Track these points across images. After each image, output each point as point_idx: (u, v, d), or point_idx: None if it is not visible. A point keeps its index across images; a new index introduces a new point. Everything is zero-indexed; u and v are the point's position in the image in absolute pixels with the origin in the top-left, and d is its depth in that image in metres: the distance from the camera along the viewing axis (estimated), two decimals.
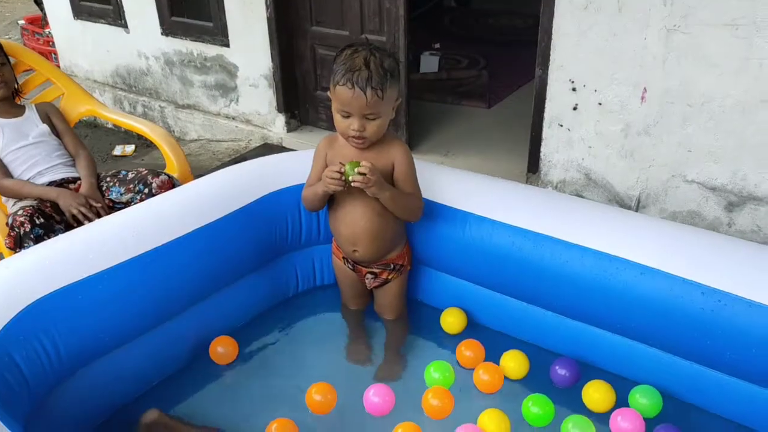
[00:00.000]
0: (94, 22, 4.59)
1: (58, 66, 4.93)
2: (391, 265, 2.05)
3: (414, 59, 4.69)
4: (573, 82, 2.81)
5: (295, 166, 2.21)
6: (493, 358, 1.97)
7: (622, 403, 1.81)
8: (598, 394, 1.81)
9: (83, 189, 2.49)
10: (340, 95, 1.75)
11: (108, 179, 2.59)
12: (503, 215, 1.97)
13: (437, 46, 5.17)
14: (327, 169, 1.84)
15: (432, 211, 2.05)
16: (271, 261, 2.20)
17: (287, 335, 2.16)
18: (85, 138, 4.43)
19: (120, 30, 4.47)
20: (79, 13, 4.65)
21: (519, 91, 4.50)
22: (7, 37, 6.47)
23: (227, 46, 3.96)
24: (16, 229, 2.22)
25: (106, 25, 4.53)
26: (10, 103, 2.68)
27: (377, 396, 1.80)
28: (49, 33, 5.18)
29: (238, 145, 4.14)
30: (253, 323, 2.18)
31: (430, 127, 3.98)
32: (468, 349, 1.98)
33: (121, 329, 1.78)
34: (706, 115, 2.53)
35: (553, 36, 2.78)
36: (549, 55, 2.82)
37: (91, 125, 4.65)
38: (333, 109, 1.81)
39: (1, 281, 1.66)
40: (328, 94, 1.82)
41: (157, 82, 4.49)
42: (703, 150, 2.59)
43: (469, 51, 5.18)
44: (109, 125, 4.48)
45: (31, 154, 2.56)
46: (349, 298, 2.21)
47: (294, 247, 2.24)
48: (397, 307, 2.15)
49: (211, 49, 4.06)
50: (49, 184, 2.54)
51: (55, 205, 2.44)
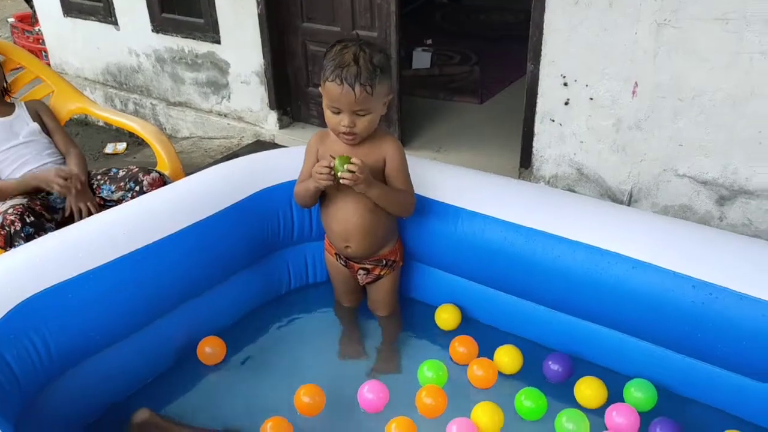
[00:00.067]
0: (84, 19, 4.56)
1: (49, 64, 4.90)
2: (384, 261, 2.05)
3: (406, 55, 4.69)
4: (564, 77, 2.81)
5: (286, 162, 2.20)
6: (487, 353, 1.97)
7: (615, 399, 1.81)
8: (590, 390, 1.81)
9: None
10: (330, 91, 1.75)
11: (99, 177, 2.58)
12: (495, 210, 1.96)
13: (429, 42, 5.16)
14: (317, 164, 1.83)
15: (424, 206, 2.04)
16: (263, 258, 2.20)
17: (280, 333, 2.15)
18: (76, 136, 4.41)
19: (110, 27, 4.44)
20: (69, 10, 4.62)
21: (511, 86, 4.50)
22: None
23: (218, 42, 3.94)
24: (6, 228, 2.21)
25: (97, 23, 4.50)
26: (0, 101, 2.67)
27: (371, 392, 1.80)
28: (39, 30, 5.14)
29: (231, 142, 4.13)
30: (246, 321, 2.18)
31: (422, 123, 3.98)
32: (461, 345, 1.98)
33: (112, 328, 1.78)
34: (697, 109, 2.53)
35: (544, 31, 2.78)
36: (540, 50, 2.82)
37: (82, 123, 4.63)
38: (323, 105, 1.80)
39: None
40: (320, 90, 1.82)
41: (148, 79, 4.47)
42: (694, 144, 2.59)
43: (461, 47, 5.18)
44: (100, 123, 4.46)
45: (21, 153, 2.54)
46: (342, 295, 2.21)
47: (286, 243, 2.23)
48: (390, 303, 2.15)
49: (202, 46, 4.04)
50: None
51: (45, 204, 2.42)
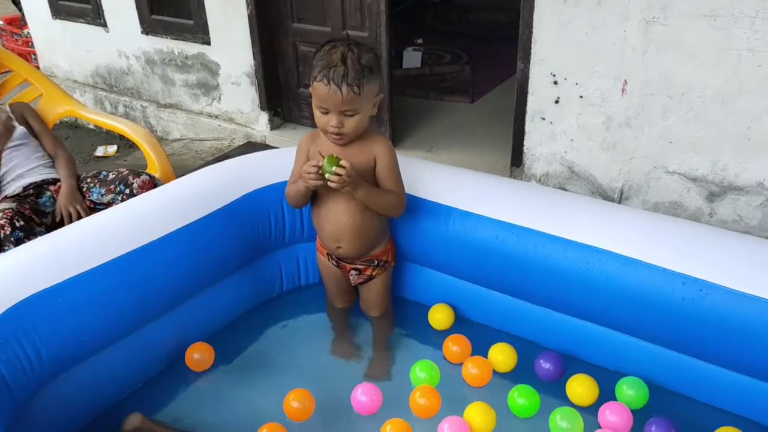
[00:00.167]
0: (73, 21, 4.54)
1: (38, 67, 4.87)
2: (375, 262, 2.05)
3: (397, 55, 4.69)
4: (554, 75, 2.82)
5: (277, 163, 2.19)
6: (481, 352, 1.97)
7: (607, 396, 1.81)
8: (581, 388, 1.81)
9: (62, 191, 2.46)
10: (318, 91, 1.74)
11: (89, 180, 2.56)
12: (486, 209, 1.96)
13: (420, 41, 5.17)
14: (306, 164, 1.83)
15: (416, 206, 2.04)
16: (254, 260, 2.19)
17: (272, 335, 2.14)
18: (66, 139, 4.38)
19: (99, 29, 4.43)
20: (57, 12, 4.60)
21: (501, 85, 4.51)
22: None
23: (208, 44, 3.93)
24: None
25: (86, 25, 4.48)
26: None
27: (365, 395, 1.79)
28: (28, 33, 5.12)
29: (222, 143, 4.11)
30: (238, 323, 2.17)
31: (413, 123, 3.98)
32: (455, 344, 1.98)
33: (103, 332, 1.76)
34: (686, 107, 2.54)
35: (533, 30, 2.79)
36: (530, 48, 2.83)
37: (73, 126, 4.61)
38: (313, 105, 1.80)
39: None
40: (310, 90, 1.81)
41: (138, 81, 4.45)
42: (684, 141, 2.60)
43: (452, 46, 5.19)
44: (91, 126, 4.44)
45: (10, 157, 2.52)
46: (334, 296, 2.20)
47: (278, 245, 2.23)
48: (383, 304, 2.15)
49: (192, 48, 4.03)
50: (29, 186, 2.51)
51: (34, 208, 2.41)
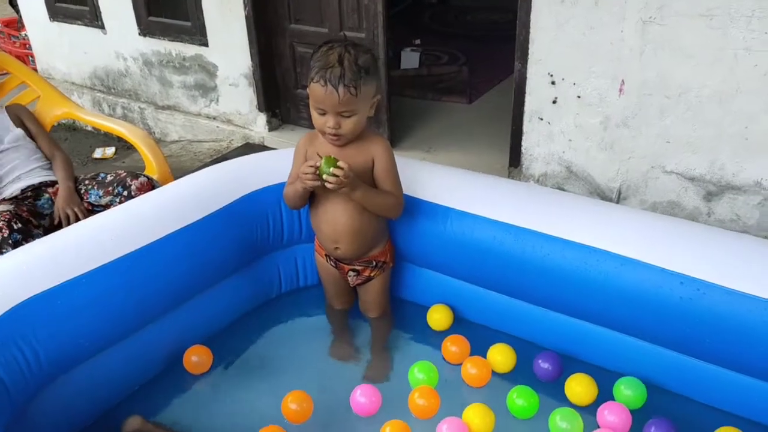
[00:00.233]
0: (71, 23, 4.53)
1: (35, 69, 4.87)
2: (374, 263, 2.05)
3: (394, 56, 4.69)
4: (552, 75, 2.82)
5: (275, 164, 2.19)
6: (480, 352, 1.97)
7: (606, 395, 1.81)
8: (580, 387, 1.81)
9: (60, 193, 2.46)
10: (314, 92, 1.75)
11: (86, 182, 2.56)
12: (484, 210, 1.96)
13: (417, 42, 5.17)
14: (303, 164, 1.83)
15: (414, 207, 2.04)
16: (253, 261, 2.19)
17: (271, 337, 2.14)
18: (64, 141, 4.38)
19: (97, 31, 4.42)
20: (55, 14, 4.59)
21: (499, 85, 4.51)
22: None
23: (206, 45, 3.93)
24: None
25: (83, 27, 4.48)
26: None
27: (364, 396, 1.79)
28: (26, 35, 5.11)
29: (220, 145, 4.11)
30: (237, 325, 2.17)
31: (411, 124, 3.98)
32: (453, 345, 1.99)
33: (102, 334, 1.76)
34: (684, 106, 2.55)
35: (531, 30, 2.79)
36: (527, 49, 2.83)
37: (71, 128, 4.60)
38: (310, 106, 1.80)
39: None
40: (307, 91, 1.81)
41: (136, 83, 4.45)
42: (681, 141, 2.61)
43: (450, 47, 5.19)
44: (89, 128, 4.44)
45: (9, 158, 2.52)
46: (333, 297, 2.20)
47: (276, 246, 2.23)
48: (381, 305, 2.15)
49: (189, 49, 4.03)
50: (27, 188, 2.51)
51: (32, 210, 2.41)
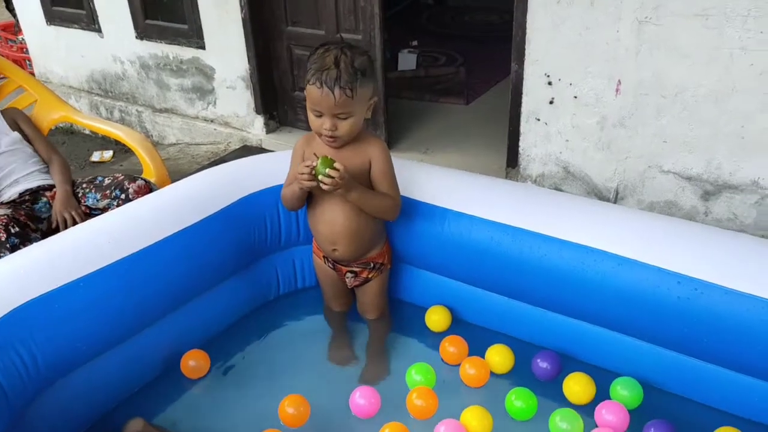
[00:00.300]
0: (68, 27, 4.53)
1: (32, 73, 4.87)
2: (371, 264, 2.05)
3: (392, 57, 4.69)
4: (548, 76, 2.82)
5: (272, 166, 2.20)
6: (479, 353, 1.97)
7: (604, 396, 1.81)
8: (578, 386, 1.81)
9: (57, 197, 2.46)
10: (311, 94, 1.75)
11: (84, 185, 2.56)
12: (482, 211, 1.97)
13: (415, 43, 5.17)
14: (300, 164, 1.83)
15: (412, 208, 2.04)
16: (251, 264, 2.19)
17: (269, 339, 2.14)
18: (62, 145, 4.38)
19: (94, 35, 4.42)
20: (51, 18, 4.59)
21: (497, 86, 4.51)
22: None
23: (203, 48, 3.93)
24: None
25: (80, 30, 4.47)
26: None
27: (363, 398, 1.80)
28: (23, 39, 5.11)
29: (218, 148, 4.11)
30: (235, 328, 2.17)
31: (408, 125, 3.98)
32: (451, 345, 1.99)
33: (100, 338, 1.76)
34: (680, 106, 2.55)
35: (527, 31, 2.79)
36: (524, 49, 2.83)
37: (68, 132, 4.60)
38: (307, 107, 1.80)
39: None
40: (305, 92, 1.81)
41: (133, 86, 4.45)
42: (678, 140, 2.61)
43: (447, 48, 5.19)
44: (87, 131, 4.44)
45: (6, 162, 2.52)
46: (331, 299, 2.20)
47: (274, 248, 2.23)
48: (379, 306, 2.15)
49: (186, 52, 4.03)
50: (25, 192, 2.51)
51: (30, 214, 2.41)
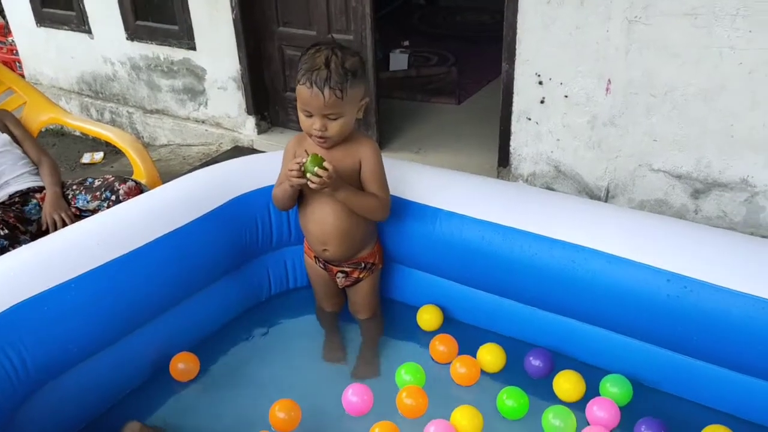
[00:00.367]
0: (58, 28, 4.52)
1: (23, 75, 4.85)
2: (362, 264, 2.05)
3: (383, 57, 4.70)
4: (539, 75, 2.83)
5: (263, 167, 2.19)
6: (470, 352, 1.97)
7: (594, 393, 1.82)
8: (568, 384, 1.82)
9: (47, 198, 2.45)
10: (301, 94, 1.75)
11: (74, 187, 2.55)
12: (473, 210, 1.97)
13: (406, 43, 5.18)
14: (290, 161, 1.82)
15: (403, 208, 2.04)
16: (242, 264, 2.18)
17: (262, 339, 2.14)
18: (52, 146, 4.36)
19: (84, 36, 4.41)
20: (41, 20, 4.57)
21: (488, 86, 4.52)
22: None
23: (194, 49, 3.92)
24: None
25: (70, 32, 4.46)
26: None
27: (356, 395, 1.80)
28: (12, 41, 5.08)
29: (209, 148, 4.10)
30: (227, 329, 2.16)
31: (400, 125, 3.98)
32: (441, 344, 1.99)
33: (90, 339, 1.75)
34: (670, 105, 2.56)
35: (518, 30, 2.80)
36: (515, 49, 2.84)
37: (59, 133, 4.58)
38: (297, 107, 1.80)
39: None
40: (296, 93, 1.81)
41: (124, 87, 4.44)
42: (668, 139, 2.62)
43: (438, 48, 5.20)
44: (77, 133, 4.42)
45: None
46: (322, 299, 2.20)
47: (265, 249, 2.22)
48: (371, 306, 2.15)
49: (177, 53, 4.02)
50: (15, 194, 2.49)
51: (19, 216, 2.40)
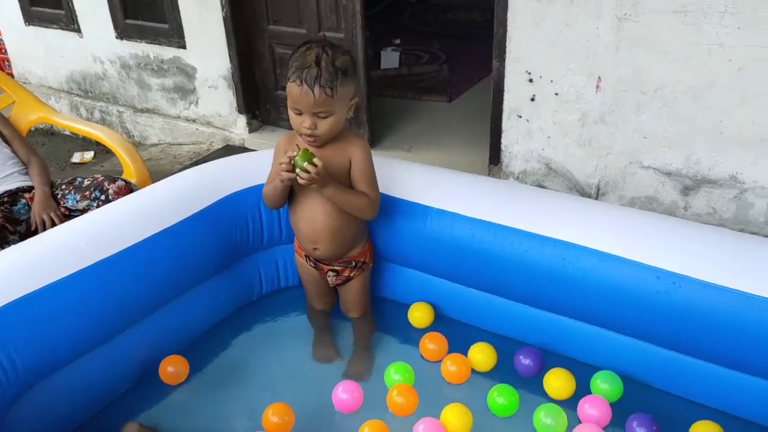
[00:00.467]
0: (47, 27, 4.49)
1: (11, 74, 4.82)
2: (353, 263, 2.04)
3: (374, 56, 4.69)
4: (530, 73, 2.84)
5: (254, 165, 2.19)
6: (461, 349, 1.97)
7: (585, 390, 1.82)
8: (558, 382, 1.82)
9: (36, 198, 2.43)
10: (291, 92, 1.75)
11: (63, 187, 2.53)
12: (463, 208, 1.97)
13: (397, 42, 5.18)
14: (282, 156, 1.82)
15: (393, 206, 2.04)
16: (233, 264, 2.18)
17: (253, 339, 2.13)
18: (42, 146, 4.34)
19: (73, 35, 4.38)
20: (30, 18, 4.54)
21: (479, 84, 4.52)
22: None
23: (184, 47, 3.91)
24: None
25: (59, 30, 4.44)
26: None
27: (346, 393, 1.80)
28: (1, 40, 5.05)
29: (200, 147, 4.09)
30: (218, 328, 2.15)
31: (392, 123, 3.98)
32: (431, 342, 1.99)
33: (80, 340, 1.74)
34: (659, 102, 2.57)
35: (508, 28, 2.80)
36: (505, 47, 2.84)
37: (49, 133, 4.56)
38: (288, 105, 1.80)
39: None
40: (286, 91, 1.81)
41: (113, 86, 4.41)
42: (658, 136, 2.63)
43: (430, 46, 5.20)
44: (67, 132, 4.40)
45: None
46: (313, 298, 2.19)
47: (256, 248, 2.22)
48: (362, 305, 2.15)
49: (167, 51, 4.00)
50: (4, 193, 2.48)
51: (8, 216, 2.38)
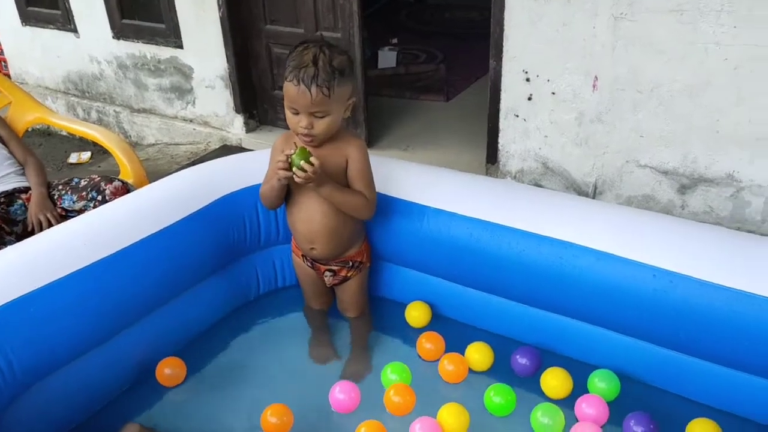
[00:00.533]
0: (43, 27, 4.48)
1: (8, 74, 4.81)
2: (350, 263, 2.04)
3: (372, 55, 4.69)
4: (526, 72, 2.84)
5: (250, 165, 2.19)
6: (459, 348, 1.97)
7: (583, 389, 1.83)
8: (555, 381, 1.82)
9: (33, 199, 2.43)
10: (288, 91, 1.75)
11: (60, 187, 2.53)
12: (461, 207, 1.97)
13: (395, 41, 5.18)
14: (280, 154, 1.82)
15: (390, 205, 2.04)
16: (230, 264, 2.18)
17: (251, 339, 2.13)
18: (39, 147, 4.33)
19: (70, 35, 4.38)
20: (27, 19, 4.54)
21: (476, 83, 4.52)
22: None
23: (181, 47, 3.90)
24: None
25: (56, 31, 4.43)
26: None
27: (343, 393, 1.80)
28: None
29: (197, 147, 4.09)
30: (215, 328, 2.15)
31: (389, 123, 3.98)
32: (428, 342, 1.99)
33: (77, 340, 1.74)
34: (656, 101, 2.57)
35: (505, 27, 2.80)
36: (502, 46, 2.84)
37: (45, 133, 4.55)
38: (284, 105, 1.80)
39: None
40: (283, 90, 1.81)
41: (110, 86, 4.41)
42: (655, 135, 2.64)
43: (427, 45, 5.20)
44: (64, 133, 4.39)
45: None
46: (311, 298, 2.19)
47: (253, 248, 2.22)
48: (359, 304, 2.15)
49: (164, 51, 4.00)
50: (0, 194, 2.47)
51: (5, 217, 2.38)
